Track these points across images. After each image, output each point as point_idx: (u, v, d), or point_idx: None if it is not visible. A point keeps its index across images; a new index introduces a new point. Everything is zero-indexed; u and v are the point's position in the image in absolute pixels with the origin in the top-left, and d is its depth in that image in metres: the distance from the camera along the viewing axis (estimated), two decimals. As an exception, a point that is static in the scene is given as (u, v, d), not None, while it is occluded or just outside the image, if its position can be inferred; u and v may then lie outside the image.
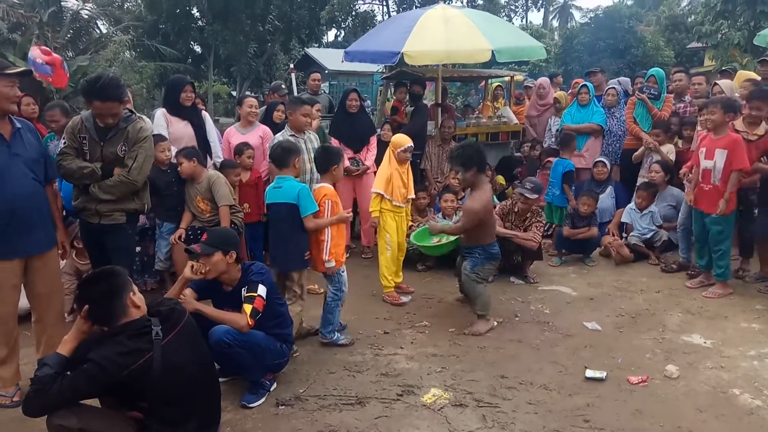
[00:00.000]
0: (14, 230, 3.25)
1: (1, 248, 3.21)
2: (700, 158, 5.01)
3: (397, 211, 5.06)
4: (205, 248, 3.23)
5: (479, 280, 4.42)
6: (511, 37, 7.28)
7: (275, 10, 22.74)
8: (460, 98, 19.14)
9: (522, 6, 30.51)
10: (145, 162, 3.66)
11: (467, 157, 4.31)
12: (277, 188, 4.05)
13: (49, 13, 18.62)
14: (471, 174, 4.34)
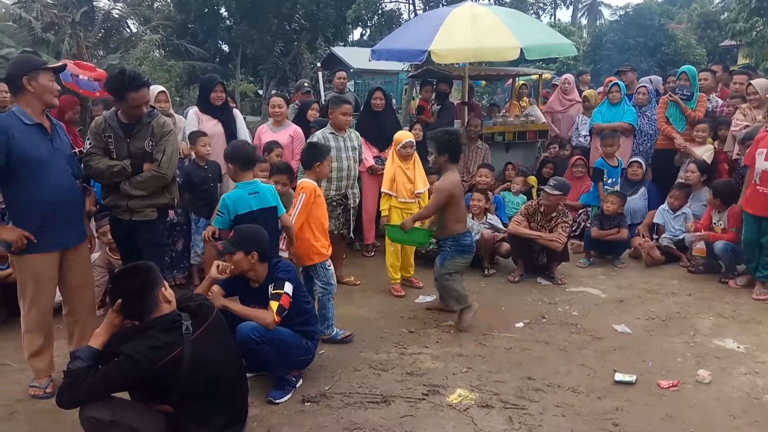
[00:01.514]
0: (54, 223, 3.33)
1: (42, 241, 3.27)
2: (758, 159, 4.87)
3: (405, 208, 5.07)
4: (227, 247, 3.27)
5: (448, 276, 4.40)
6: (540, 34, 7.21)
7: (302, 9, 22.87)
8: (485, 97, 18.99)
9: (550, 3, 30.20)
10: (173, 155, 3.69)
11: (444, 143, 4.34)
12: (254, 194, 3.79)
13: (81, 12, 19.00)
14: (443, 159, 4.37)
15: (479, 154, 6.99)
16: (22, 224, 3.21)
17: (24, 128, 3.17)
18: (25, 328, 3.39)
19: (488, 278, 5.59)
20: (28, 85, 3.18)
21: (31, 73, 3.18)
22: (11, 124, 3.13)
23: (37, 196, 3.24)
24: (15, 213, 3.24)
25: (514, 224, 5.46)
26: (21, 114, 3.19)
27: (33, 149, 3.20)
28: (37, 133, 3.25)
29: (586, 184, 7.00)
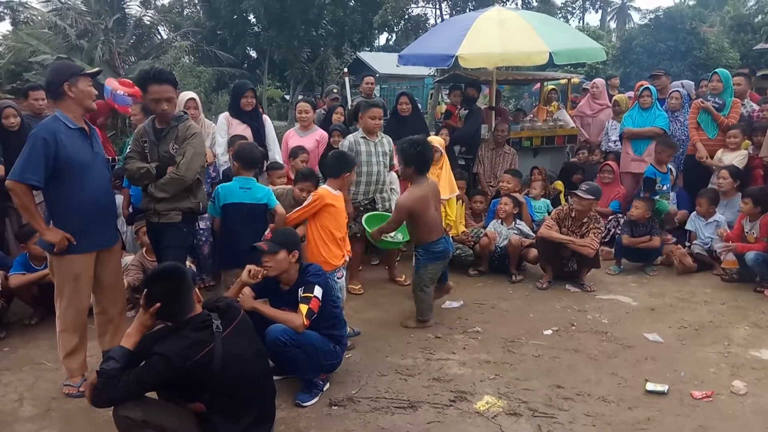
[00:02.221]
0: (94, 224, 3.42)
1: (82, 241, 3.35)
2: None
3: None
4: (271, 246, 3.32)
5: (422, 286, 4.45)
6: (569, 38, 7.13)
7: (329, 15, 23.03)
8: (512, 101, 18.88)
9: (579, 7, 29.90)
10: (194, 158, 3.66)
11: (410, 155, 4.34)
12: (245, 188, 4.14)
13: (113, 19, 19.43)
14: (410, 171, 4.39)
15: (506, 159, 6.94)
16: (65, 225, 3.30)
17: (68, 132, 3.27)
18: (60, 328, 3.46)
19: (516, 284, 5.53)
20: (69, 91, 3.27)
21: (72, 79, 3.28)
22: (58, 128, 3.23)
23: (80, 198, 3.33)
24: (58, 214, 3.32)
25: (545, 229, 5.39)
26: (64, 118, 3.29)
27: (77, 152, 3.30)
28: (80, 137, 3.35)
29: (616, 190, 6.90)
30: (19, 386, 3.62)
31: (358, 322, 4.49)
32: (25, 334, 4.43)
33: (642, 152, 6.86)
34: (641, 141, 6.86)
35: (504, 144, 6.94)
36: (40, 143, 3.15)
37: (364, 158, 5.09)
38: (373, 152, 5.13)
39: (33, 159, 3.15)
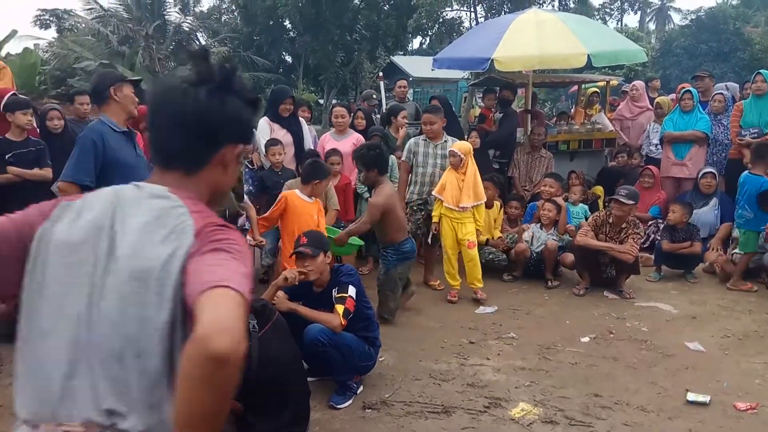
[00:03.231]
0: None
1: None
2: None
3: (452, 216, 5.05)
4: (314, 250, 3.36)
5: (391, 287, 4.51)
6: (608, 40, 7.02)
7: (363, 19, 23.21)
8: (548, 104, 18.65)
9: (617, 9, 29.39)
10: None
11: (369, 159, 4.51)
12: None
13: (154, 26, 19.95)
14: (373, 174, 4.52)
15: (542, 163, 6.85)
16: None
17: (114, 135, 3.36)
18: None
19: (552, 290, 5.45)
20: (114, 95, 3.36)
21: (117, 84, 3.39)
22: (104, 130, 3.33)
23: None
24: None
25: (582, 235, 5.30)
26: (109, 122, 3.38)
27: (123, 155, 3.38)
28: (125, 140, 3.44)
29: (656, 195, 6.75)
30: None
31: (393, 325, 4.51)
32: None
33: (683, 156, 6.70)
34: (682, 145, 6.70)
35: (540, 148, 6.86)
36: (89, 144, 3.24)
37: (420, 159, 5.30)
38: (430, 154, 5.26)
39: (84, 160, 3.24)
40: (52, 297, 1.13)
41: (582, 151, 7.58)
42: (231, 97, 1.22)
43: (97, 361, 1.08)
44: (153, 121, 1.26)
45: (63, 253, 1.14)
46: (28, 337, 1.14)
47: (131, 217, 1.14)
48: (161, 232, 1.11)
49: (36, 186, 4.90)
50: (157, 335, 1.07)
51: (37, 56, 19.24)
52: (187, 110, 1.19)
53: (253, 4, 22.69)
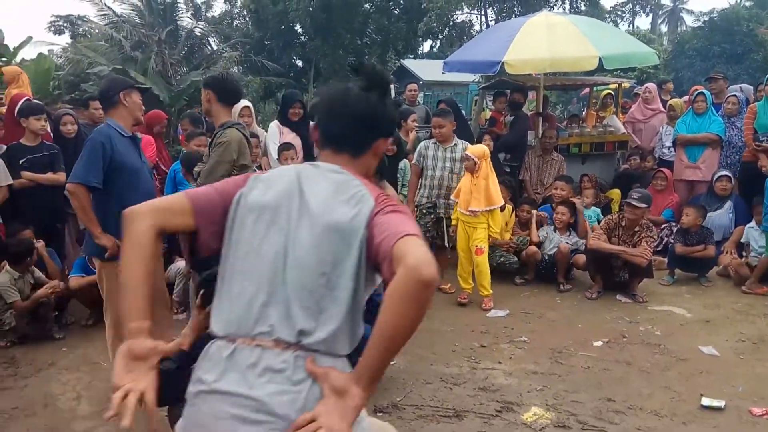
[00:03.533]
0: None
1: None
2: None
3: (465, 220, 5.05)
4: None
5: None
6: (620, 42, 6.99)
7: (373, 23, 23.25)
8: (559, 107, 18.57)
9: (629, 11, 29.22)
10: (214, 167, 3.60)
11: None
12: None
13: (166, 31, 20.08)
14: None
15: (554, 166, 6.82)
16: (116, 230, 3.39)
17: (121, 139, 3.41)
18: (114, 335, 3.52)
19: (564, 294, 5.43)
20: (123, 100, 3.42)
21: (127, 90, 3.44)
22: (112, 134, 3.37)
23: (132, 203, 3.37)
24: (110, 219, 3.41)
25: (595, 239, 5.27)
26: (117, 126, 3.42)
27: (129, 159, 3.43)
28: (131, 145, 3.50)
29: (669, 198, 6.70)
30: (77, 385, 3.77)
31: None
32: (82, 335, 4.61)
33: (697, 159, 6.65)
34: (695, 147, 6.65)
35: (551, 151, 6.83)
36: (98, 147, 3.28)
37: (430, 162, 5.32)
38: (440, 157, 5.27)
39: (93, 162, 3.27)
40: (250, 245, 1.45)
41: (594, 154, 7.53)
42: (388, 99, 1.59)
43: (292, 292, 1.39)
44: (329, 115, 1.59)
45: (259, 213, 1.47)
46: (230, 275, 1.47)
47: (316, 186, 1.48)
48: (343, 197, 1.45)
49: (49, 190, 4.96)
50: (347, 272, 1.39)
51: (51, 62, 19.44)
52: (361, 108, 1.55)
53: (265, 9, 22.81)
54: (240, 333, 1.39)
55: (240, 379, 1.35)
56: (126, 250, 1.46)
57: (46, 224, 5.01)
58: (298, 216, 1.45)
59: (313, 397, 1.33)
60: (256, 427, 1.32)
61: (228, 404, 1.35)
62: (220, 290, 1.49)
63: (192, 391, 1.47)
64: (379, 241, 1.35)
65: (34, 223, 4.82)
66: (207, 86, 3.71)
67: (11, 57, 19.24)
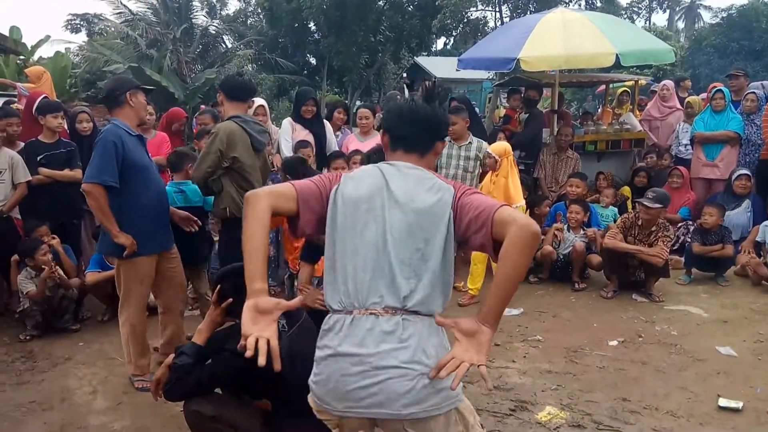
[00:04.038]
0: (158, 226, 3.58)
1: (148, 243, 3.49)
2: None
3: None
4: None
5: None
6: (637, 39, 6.91)
7: (387, 20, 23.18)
8: (574, 104, 18.40)
9: (645, 7, 28.88)
10: (202, 157, 3.65)
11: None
12: (179, 192, 4.21)
13: (181, 29, 20.18)
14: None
15: (569, 164, 6.76)
16: (133, 229, 3.42)
17: (129, 138, 3.42)
18: (129, 330, 3.57)
19: (579, 293, 5.38)
20: (130, 100, 3.45)
21: (133, 90, 3.48)
22: (121, 133, 3.38)
23: (145, 201, 3.47)
24: (125, 218, 3.43)
25: (610, 238, 5.21)
26: (123, 125, 3.43)
27: (139, 157, 3.46)
28: (139, 143, 3.52)
29: (686, 196, 6.62)
30: (93, 380, 3.80)
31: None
32: (98, 330, 4.66)
33: (714, 157, 6.57)
34: (713, 145, 6.56)
35: (567, 148, 6.77)
36: (110, 146, 3.30)
37: (443, 160, 5.24)
38: (453, 155, 5.18)
39: (107, 161, 3.29)
40: (354, 231, 1.77)
41: (610, 152, 7.46)
42: (442, 108, 1.98)
43: (394, 267, 1.72)
44: (400, 122, 1.91)
45: (356, 204, 1.79)
46: (340, 257, 1.78)
47: (400, 180, 1.81)
48: (424, 187, 1.80)
49: (66, 187, 5.01)
50: (437, 246, 1.75)
51: (68, 60, 19.64)
52: (426, 115, 1.90)
53: (279, 7, 22.84)
54: (355, 305, 1.72)
55: (360, 342, 1.69)
56: (249, 223, 1.75)
57: (63, 221, 5.06)
58: (389, 205, 1.77)
59: (419, 350, 1.69)
60: (374, 379, 1.67)
61: (352, 363, 1.69)
62: (332, 271, 1.79)
63: (320, 355, 1.78)
64: (474, 216, 1.72)
65: (50, 219, 4.87)
66: (219, 87, 3.86)
67: (29, 55, 19.49)
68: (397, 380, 1.66)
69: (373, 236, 1.75)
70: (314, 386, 1.82)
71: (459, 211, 1.75)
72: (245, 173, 3.68)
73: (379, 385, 1.66)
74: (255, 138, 3.74)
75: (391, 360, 1.67)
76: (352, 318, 1.72)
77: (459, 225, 1.75)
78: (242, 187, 3.66)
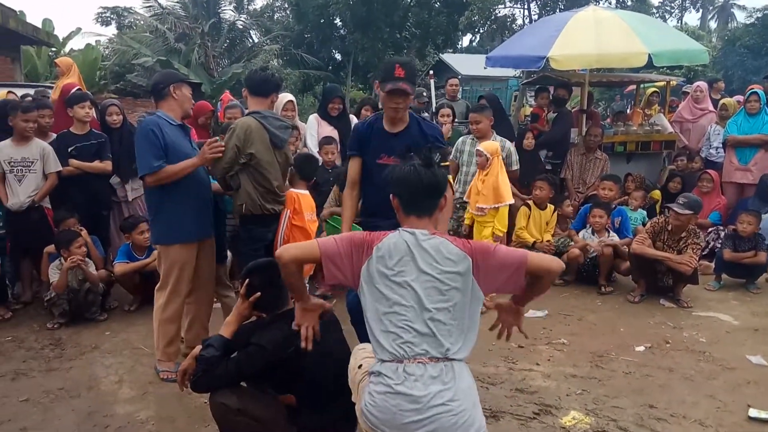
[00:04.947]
0: (203, 214, 3.68)
1: (190, 230, 3.58)
2: None
3: (477, 219, 5.00)
4: None
5: None
6: (670, 39, 6.77)
7: (413, 17, 23.12)
8: (602, 104, 18.14)
9: (678, 6, 28.30)
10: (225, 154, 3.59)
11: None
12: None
13: (209, 24, 20.36)
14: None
15: (597, 165, 6.66)
16: (176, 215, 3.51)
17: (171, 126, 3.50)
18: (162, 317, 3.63)
19: (605, 296, 5.30)
20: (173, 92, 3.53)
21: (177, 83, 3.56)
22: (161, 122, 3.46)
23: (188, 188, 3.54)
24: (168, 205, 3.51)
25: (638, 243, 5.11)
26: (165, 116, 3.52)
27: (180, 145, 3.52)
28: (182, 133, 3.60)
29: (716, 200, 6.47)
30: (120, 369, 3.86)
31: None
32: (125, 320, 4.72)
33: (747, 161, 6.42)
34: (747, 149, 6.41)
35: (596, 149, 6.67)
36: (150, 134, 3.39)
37: (465, 158, 5.35)
38: (475, 153, 5.14)
39: (150, 148, 3.38)
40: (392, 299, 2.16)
41: (639, 154, 7.33)
42: (439, 170, 2.32)
43: (432, 326, 2.13)
44: (410, 192, 2.29)
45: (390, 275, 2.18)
46: (384, 318, 2.16)
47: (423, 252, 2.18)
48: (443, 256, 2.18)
49: (96, 178, 5.09)
50: (464, 307, 2.18)
51: (98, 52, 19.97)
52: (429, 181, 2.28)
53: (305, 2, 22.93)
54: (406, 356, 2.12)
55: (412, 385, 2.08)
56: (285, 276, 2.30)
57: (92, 212, 5.14)
58: (417, 273, 2.16)
59: (459, 390, 2.09)
60: (427, 414, 2.04)
61: (407, 401, 2.06)
62: (376, 330, 2.18)
63: (376, 390, 2.12)
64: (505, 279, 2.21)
65: (79, 210, 4.95)
66: (244, 82, 3.91)
67: (60, 47, 19.85)
68: (444, 415, 2.05)
69: (410, 302, 2.14)
70: (368, 413, 2.13)
71: (483, 276, 2.18)
72: (263, 169, 3.66)
73: (430, 418, 2.05)
74: (274, 134, 3.70)
75: (438, 399, 2.06)
76: (403, 366, 2.10)
77: (488, 286, 2.22)
78: (260, 184, 3.67)
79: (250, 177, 3.65)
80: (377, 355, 2.18)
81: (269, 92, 3.77)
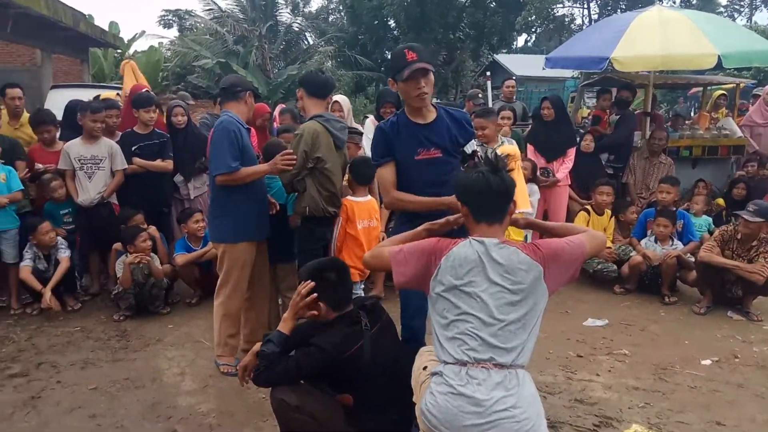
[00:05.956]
0: (264, 215, 3.81)
1: (254, 229, 3.72)
2: None
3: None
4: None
5: None
6: (740, 39, 6.44)
7: (468, 17, 22.93)
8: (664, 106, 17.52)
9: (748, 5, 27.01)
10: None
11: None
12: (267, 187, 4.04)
13: (267, 26, 20.75)
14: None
15: (661, 170, 6.41)
16: (241, 215, 3.63)
17: (242, 129, 3.62)
18: (223, 312, 3.75)
19: (668, 306, 5.10)
20: (246, 99, 3.69)
21: (251, 91, 3.75)
22: (237, 123, 3.59)
23: (253, 189, 3.67)
24: (234, 205, 3.62)
25: (706, 251, 4.90)
26: (236, 117, 3.63)
27: (250, 147, 3.67)
28: (247, 135, 3.71)
29: (790, 208, 6.12)
30: (182, 361, 3.97)
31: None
32: (187, 313, 4.87)
33: (824, 168, 6.05)
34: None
35: (660, 153, 6.43)
36: (232, 135, 3.50)
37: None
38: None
39: (230, 149, 3.48)
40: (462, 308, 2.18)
41: (706, 159, 7.03)
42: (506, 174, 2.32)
43: (500, 334, 2.13)
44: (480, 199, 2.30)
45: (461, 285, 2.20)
46: (453, 324, 2.18)
47: (493, 262, 2.19)
48: (516, 266, 2.18)
49: (158, 176, 5.26)
50: (534, 317, 2.20)
51: (160, 54, 20.69)
52: (498, 186, 2.28)
53: (360, 4, 23.11)
54: (470, 361, 2.13)
55: (475, 389, 2.08)
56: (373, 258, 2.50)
57: (155, 209, 5.33)
58: (487, 285, 2.17)
59: (522, 397, 2.09)
60: (488, 419, 2.04)
61: (469, 403, 2.07)
62: (441, 337, 2.21)
63: (438, 390, 2.13)
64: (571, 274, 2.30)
65: (143, 207, 5.13)
66: (299, 84, 3.94)
67: (125, 49, 20.68)
68: (506, 421, 2.05)
69: (480, 312, 2.15)
70: (428, 413, 2.14)
71: (551, 279, 2.22)
72: (327, 172, 3.73)
73: (492, 423, 2.05)
74: (336, 136, 3.79)
75: (500, 405, 2.06)
76: (467, 369, 2.12)
77: (555, 285, 2.25)
78: (324, 187, 3.74)
79: (315, 181, 3.72)
80: (440, 357, 2.20)
81: (326, 94, 3.87)
